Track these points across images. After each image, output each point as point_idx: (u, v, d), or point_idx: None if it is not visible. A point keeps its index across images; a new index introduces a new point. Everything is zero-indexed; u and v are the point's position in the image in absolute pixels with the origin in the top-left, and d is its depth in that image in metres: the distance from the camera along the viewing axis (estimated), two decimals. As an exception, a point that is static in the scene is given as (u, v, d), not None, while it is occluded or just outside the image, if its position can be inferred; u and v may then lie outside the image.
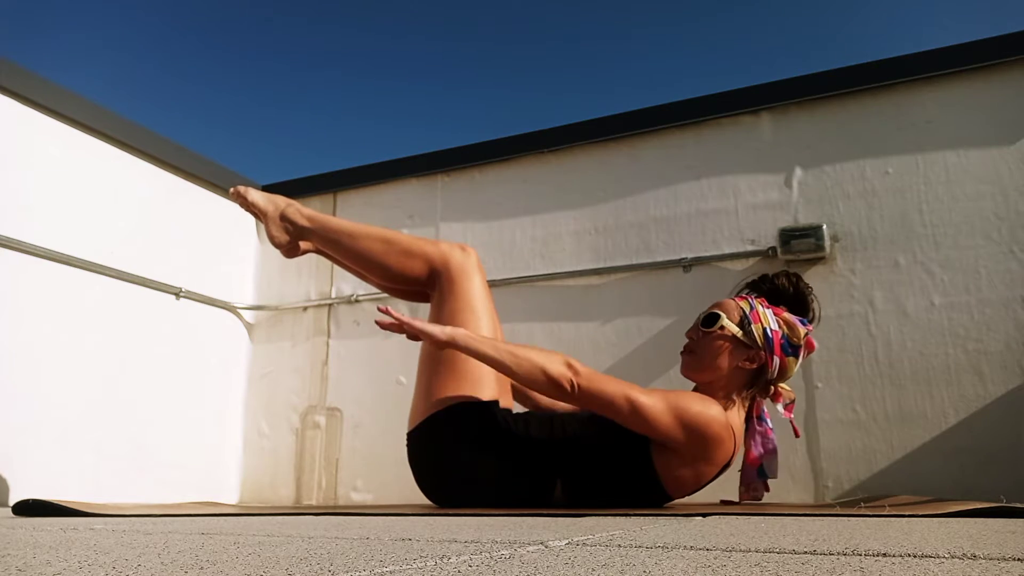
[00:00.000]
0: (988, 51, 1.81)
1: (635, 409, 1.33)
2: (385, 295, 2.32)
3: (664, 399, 1.35)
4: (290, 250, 1.78)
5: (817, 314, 1.54)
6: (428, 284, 1.66)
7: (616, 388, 1.35)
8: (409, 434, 1.56)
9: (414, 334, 1.41)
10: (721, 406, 1.40)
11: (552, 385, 1.35)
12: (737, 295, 1.53)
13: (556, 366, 1.36)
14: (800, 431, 1.79)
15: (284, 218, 1.76)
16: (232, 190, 1.83)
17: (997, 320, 1.71)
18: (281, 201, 1.79)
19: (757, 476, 1.48)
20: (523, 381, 1.38)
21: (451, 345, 1.40)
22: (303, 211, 1.76)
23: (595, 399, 1.35)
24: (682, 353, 1.51)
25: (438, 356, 1.55)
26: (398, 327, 1.41)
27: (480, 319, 1.58)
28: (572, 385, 1.35)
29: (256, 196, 1.80)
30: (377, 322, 1.41)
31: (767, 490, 1.51)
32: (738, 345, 1.45)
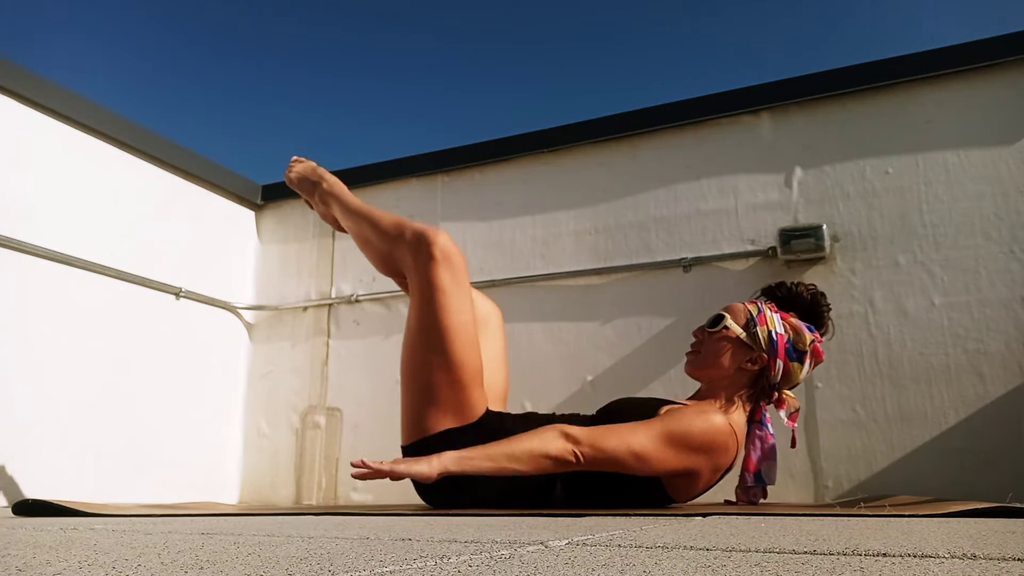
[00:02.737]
0: (988, 51, 1.81)
1: (641, 460, 1.33)
2: (385, 295, 2.33)
3: (663, 433, 1.34)
4: (338, 226, 1.81)
5: (832, 331, 1.55)
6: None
7: (618, 443, 1.33)
8: (404, 448, 1.55)
9: (399, 476, 1.29)
10: (721, 409, 1.40)
11: (559, 464, 1.32)
12: (751, 299, 1.53)
13: (556, 444, 1.32)
14: (799, 442, 1.79)
15: (320, 198, 1.81)
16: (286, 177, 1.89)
17: (997, 320, 1.71)
18: (314, 179, 1.82)
19: (755, 481, 1.47)
20: (532, 474, 1.33)
21: (445, 474, 1.30)
22: (330, 191, 1.78)
23: (602, 461, 1.33)
24: (688, 352, 1.53)
25: (418, 381, 1.50)
26: (380, 476, 1.28)
27: (463, 308, 1.55)
28: (577, 456, 1.32)
29: (295, 174, 1.85)
30: (353, 475, 1.28)
31: (764, 496, 1.51)
32: (741, 346, 1.45)
